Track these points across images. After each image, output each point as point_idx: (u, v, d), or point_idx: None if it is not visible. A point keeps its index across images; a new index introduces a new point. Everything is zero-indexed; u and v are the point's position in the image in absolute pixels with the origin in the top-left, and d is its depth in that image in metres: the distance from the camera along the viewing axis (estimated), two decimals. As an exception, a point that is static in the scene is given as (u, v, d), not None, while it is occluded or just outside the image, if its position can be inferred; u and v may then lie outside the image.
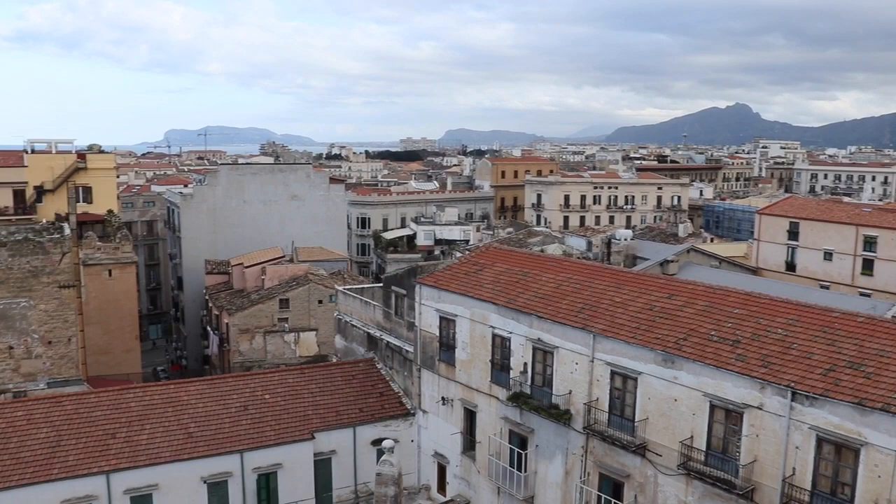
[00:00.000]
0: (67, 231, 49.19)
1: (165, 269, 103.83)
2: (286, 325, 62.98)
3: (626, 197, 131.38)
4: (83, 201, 74.83)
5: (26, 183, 76.78)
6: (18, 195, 76.58)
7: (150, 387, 42.20)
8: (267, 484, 36.70)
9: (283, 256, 72.52)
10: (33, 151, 79.60)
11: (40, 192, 76.60)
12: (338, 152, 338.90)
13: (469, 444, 37.86)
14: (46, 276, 44.42)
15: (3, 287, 43.61)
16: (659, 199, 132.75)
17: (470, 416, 37.62)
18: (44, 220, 68.01)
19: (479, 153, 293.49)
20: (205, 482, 35.34)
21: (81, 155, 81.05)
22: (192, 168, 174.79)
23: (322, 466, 38.25)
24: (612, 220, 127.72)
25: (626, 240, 72.41)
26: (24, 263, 44.01)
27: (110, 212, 74.31)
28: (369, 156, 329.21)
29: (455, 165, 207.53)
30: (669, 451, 27.62)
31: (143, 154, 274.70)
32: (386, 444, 32.34)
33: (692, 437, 26.85)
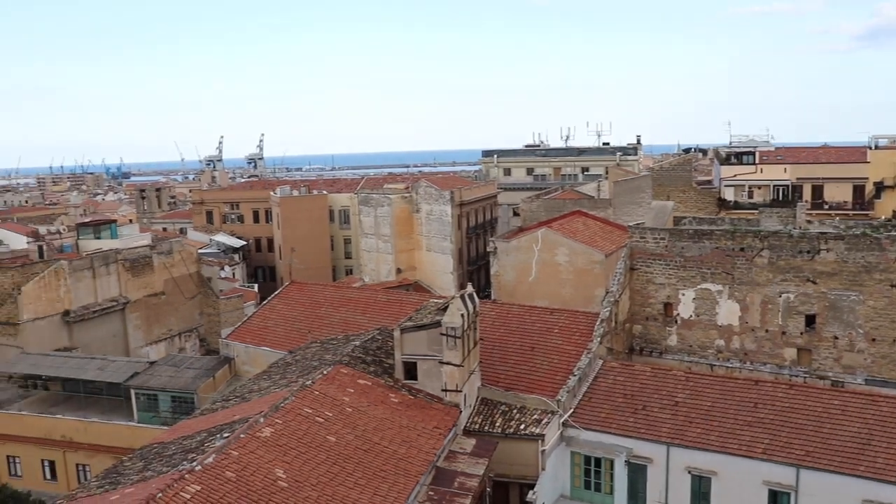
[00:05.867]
0: (904, 229, 48.03)
1: None
2: None
3: None
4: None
5: (866, 178, 77.82)
6: (857, 191, 78.28)
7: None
8: None
9: None
10: (876, 147, 79.90)
11: (879, 188, 76.64)
12: None
13: None
14: (879, 272, 44.28)
15: (835, 279, 45.29)
16: None
17: None
18: (882, 217, 67.85)
19: None
20: None
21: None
22: None
23: None
24: None
25: None
26: (858, 258, 44.85)
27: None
28: None
29: None
30: None
31: None
32: None
33: None
